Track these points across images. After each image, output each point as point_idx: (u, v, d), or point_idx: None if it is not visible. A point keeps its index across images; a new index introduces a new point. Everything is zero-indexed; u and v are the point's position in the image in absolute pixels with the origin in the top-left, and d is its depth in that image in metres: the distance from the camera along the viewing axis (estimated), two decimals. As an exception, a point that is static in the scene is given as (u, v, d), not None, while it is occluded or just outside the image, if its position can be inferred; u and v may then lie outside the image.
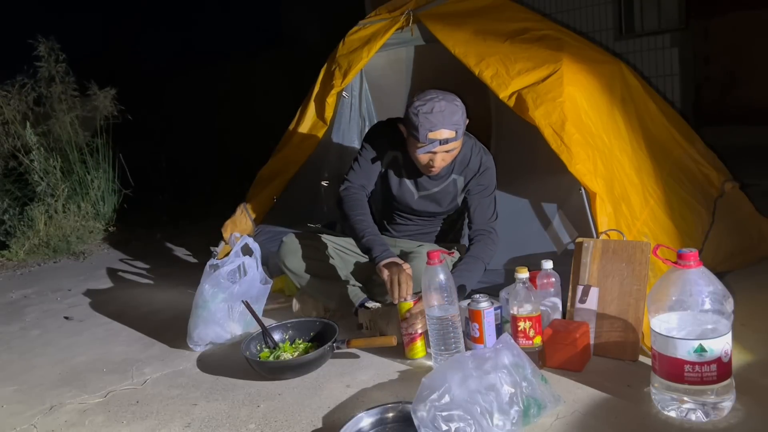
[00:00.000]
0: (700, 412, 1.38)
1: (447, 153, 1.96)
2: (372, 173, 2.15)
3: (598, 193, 1.95)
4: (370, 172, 2.15)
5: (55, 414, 1.82)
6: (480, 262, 2.02)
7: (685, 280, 1.40)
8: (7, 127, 4.33)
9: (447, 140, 1.90)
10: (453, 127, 1.90)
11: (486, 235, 2.06)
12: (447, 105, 1.90)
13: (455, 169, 2.11)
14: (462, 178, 2.12)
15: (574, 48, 2.39)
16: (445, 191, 2.14)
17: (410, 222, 2.25)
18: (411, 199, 2.17)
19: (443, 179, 2.12)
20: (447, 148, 1.93)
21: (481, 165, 2.09)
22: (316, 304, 2.29)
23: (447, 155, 1.97)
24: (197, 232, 4.11)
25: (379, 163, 2.15)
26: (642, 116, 2.44)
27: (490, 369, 1.40)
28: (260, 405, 1.72)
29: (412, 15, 2.58)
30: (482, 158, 2.10)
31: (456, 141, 1.93)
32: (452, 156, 2.00)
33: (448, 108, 1.90)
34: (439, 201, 2.16)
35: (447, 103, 1.91)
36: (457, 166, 2.10)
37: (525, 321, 1.70)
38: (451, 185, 2.14)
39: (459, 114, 1.92)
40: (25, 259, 3.95)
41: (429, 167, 2.00)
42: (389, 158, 2.15)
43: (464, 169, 2.10)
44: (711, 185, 2.51)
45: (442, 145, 1.91)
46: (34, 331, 2.62)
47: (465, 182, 2.12)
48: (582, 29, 5.46)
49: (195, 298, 2.13)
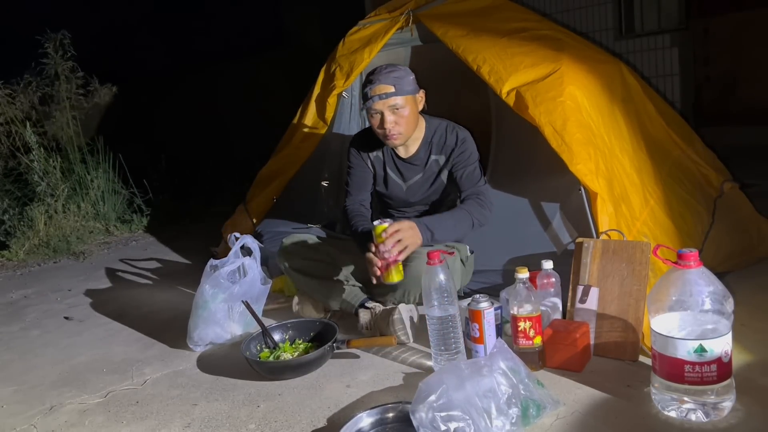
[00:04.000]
0: (700, 412, 1.38)
1: (395, 114, 2.03)
2: (364, 181, 2.28)
3: (599, 193, 1.95)
4: (362, 181, 2.28)
5: (55, 414, 1.82)
6: (465, 213, 2.04)
7: (685, 280, 1.40)
8: (9, 127, 4.33)
9: (386, 94, 1.99)
10: (391, 82, 2.00)
11: (475, 197, 2.10)
12: (389, 66, 2.05)
13: (434, 150, 2.19)
14: (442, 157, 2.19)
15: (574, 48, 2.40)
16: (429, 174, 2.21)
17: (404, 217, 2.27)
18: (401, 192, 2.25)
19: (424, 162, 2.20)
20: (389, 104, 2.01)
21: (458, 138, 2.16)
22: (316, 304, 2.29)
23: (396, 117, 2.04)
24: (197, 232, 4.11)
25: (366, 166, 2.26)
26: (641, 116, 2.44)
27: (486, 372, 1.40)
28: (260, 405, 1.72)
29: (412, 15, 2.59)
30: (458, 133, 2.18)
31: (397, 96, 2.01)
32: (404, 119, 2.05)
33: (388, 68, 2.04)
34: (428, 186, 2.22)
35: (390, 66, 2.05)
36: (435, 147, 2.18)
37: (525, 321, 1.70)
38: (433, 166, 2.20)
39: (400, 72, 2.03)
40: (25, 259, 3.95)
41: (386, 135, 2.07)
42: (372, 159, 2.26)
43: (443, 148, 2.18)
44: (710, 185, 2.51)
45: (383, 100, 2.00)
46: (34, 331, 2.63)
47: (445, 160, 2.18)
48: (582, 29, 5.46)
49: (195, 298, 2.13)
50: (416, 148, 2.20)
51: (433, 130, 2.19)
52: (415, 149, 2.20)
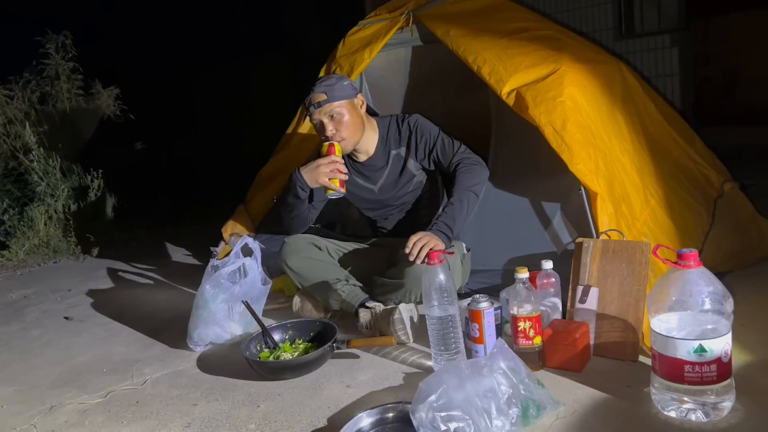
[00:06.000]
0: (700, 412, 1.38)
1: (333, 120, 2.10)
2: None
3: (599, 193, 1.95)
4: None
5: (55, 414, 1.82)
6: (465, 192, 2.05)
7: (685, 281, 1.40)
8: (8, 127, 4.33)
9: (319, 103, 2.08)
10: (323, 90, 2.08)
11: (461, 162, 2.11)
12: (323, 77, 2.15)
13: (392, 145, 2.23)
14: (402, 149, 2.22)
15: (574, 48, 2.40)
16: (395, 169, 2.24)
17: (391, 216, 2.32)
18: (373, 195, 2.29)
19: (385, 160, 2.24)
20: (324, 111, 2.09)
21: (410, 125, 2.21)
22: (316, 304, 2.29)
23: (335, 123, 2.10)
24: (197, 232, 4.11)
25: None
26: (642, 116, 2.44)
27: (486, 373, 1.40)
28: (260, 405, 1.72)
29: (412, 15, 2.59)
30: (408, 121, 2.22)
31: (331, 103, 2.07)
32: (344, 125, 2.11)
33: (322, 78, 2.15)
34: (398, 181, 2.25)
35: (324, 77, 2.17)
36: (392, 142, 2.23)
37: (525, 321, 1.70)
38: (395, 161, 2.23)
39: (332, 80, 2.12)
40: (25, 259, 3.95)
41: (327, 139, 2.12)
42: None
43: (399, 140, 2.22)
44: (710, 185, 2.51)
45: (317, 109, 2.09)
46: (34, 331, 2.63)
47: (407, 149, 2.21)
48: (582, 29, 5.45)
49: (195, 298, 2.13)
50: (374, 149, 2.24)
51: (386, 128, 2.24)
52: (374, 150, 2.24)
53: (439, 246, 1.91)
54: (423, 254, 1.87)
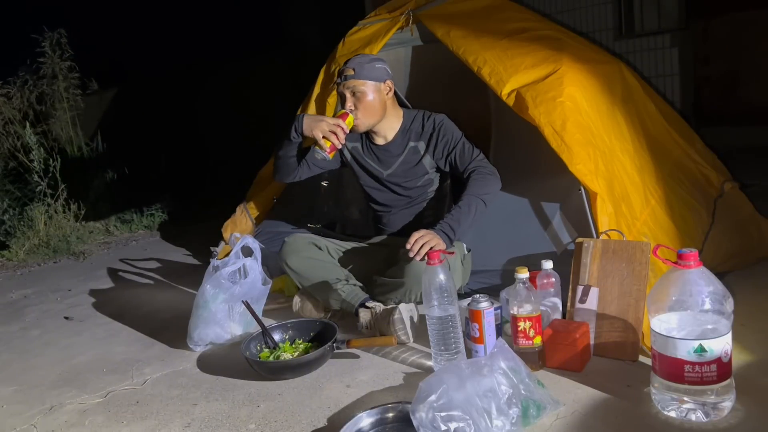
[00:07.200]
0: (700, 412, 1.38)
1: (354, 97, 2.14)
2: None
3: (599, 193, 1.95)
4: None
5: (55, 414, 1.82)
6: (474, 198, 2.04)
7: (685, 280, 1.40)
8: (8, 127, 4.33)
9: (346, 77, 2.14)
10: (353, 65, 2.14)
11: (476, 170, 2.11)
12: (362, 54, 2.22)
13: (412, 137, 2.25)
14: (422, 143, 2.24)
15: (573, 48, 2.39)
16: (408, 160, 2.25)
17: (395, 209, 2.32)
18: (381, 176, 2.30)
19: (402, 148, 2.25)
20: (348, 86, 2.14)
21: (435, 123, 2.23)
22: (316, 304, 2.29)
23: (355, 100, 2.14)
24: (197, 231, 4.11)
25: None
26: (642, 116, 2.44)
27: (486, 373, 1.40)
28: (260, 405, 1.72)
29: (412, 15, 2.58)
30: (434, 118, 2.24)
31: (355, 80, 2.12)
32: (363, 104, 2.14)
33: (360, 55, 2.22)
34: (408, 172, 2.26)
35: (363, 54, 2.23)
36: (413, 134, 2.24)
37: (525, 321, 1.70)
38: (411, 153, 2.25)
39: (366, 58, 2.18)
40: (25, 259, 3.95)
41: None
42: (349, 149, 2.33)
43: (421, 134, 2.24)
44: (710, 185, 2.51)
45: (343, 81, 2.15)
46: (34, 331, 2.63)
47: (426, 146, 2.23)
48: (582, 29, 5.45)
49: (196, 298, 2.13)
50: (393, 136, 2.26)
51: (410, 119, 2.27)
52: (392, 137, 2.26)
53: (441, 246, 1.90)
54: (423, 252, 1.87)
